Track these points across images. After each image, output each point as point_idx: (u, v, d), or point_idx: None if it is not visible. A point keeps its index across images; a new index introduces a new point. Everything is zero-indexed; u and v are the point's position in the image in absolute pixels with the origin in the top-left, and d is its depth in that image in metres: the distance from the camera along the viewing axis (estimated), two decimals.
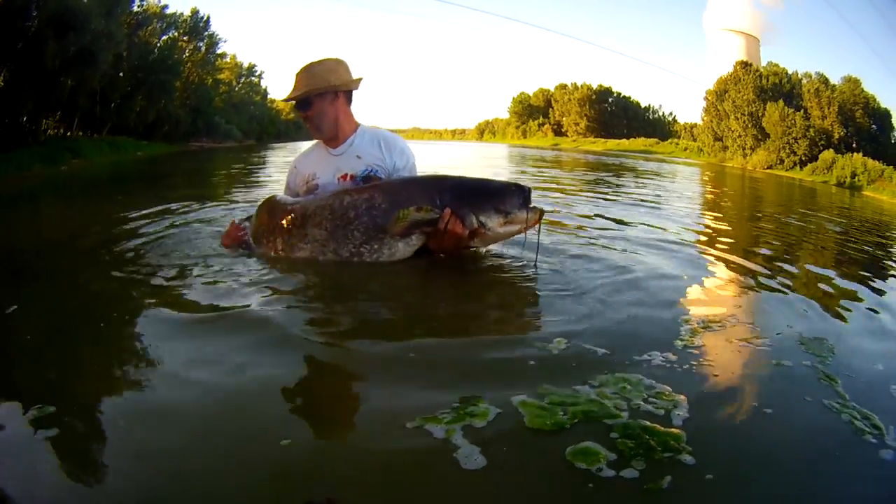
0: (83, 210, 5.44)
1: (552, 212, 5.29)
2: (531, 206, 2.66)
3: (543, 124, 62.75)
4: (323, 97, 2.91)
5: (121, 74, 19.99)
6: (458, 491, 1.28)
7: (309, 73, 2.90)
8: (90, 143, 17.22)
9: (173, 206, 4.94)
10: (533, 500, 1.26)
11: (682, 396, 1.60)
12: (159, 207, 4.81)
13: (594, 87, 59.08)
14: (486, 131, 76.58)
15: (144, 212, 4.54)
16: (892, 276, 4.07)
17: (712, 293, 2.87)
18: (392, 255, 2.67)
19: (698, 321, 2.28)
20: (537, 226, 2.71)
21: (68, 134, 17.16)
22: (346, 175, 2.91)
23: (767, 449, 1.43)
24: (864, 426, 1.52)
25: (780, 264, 3.74)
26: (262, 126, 43.33)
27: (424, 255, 2.78)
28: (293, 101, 2.96)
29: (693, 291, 2.83)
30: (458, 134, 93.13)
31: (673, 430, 1.44)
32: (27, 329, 2.12)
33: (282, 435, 1.43)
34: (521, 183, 2.76)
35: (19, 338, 2.05)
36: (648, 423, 1.46)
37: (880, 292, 3.28)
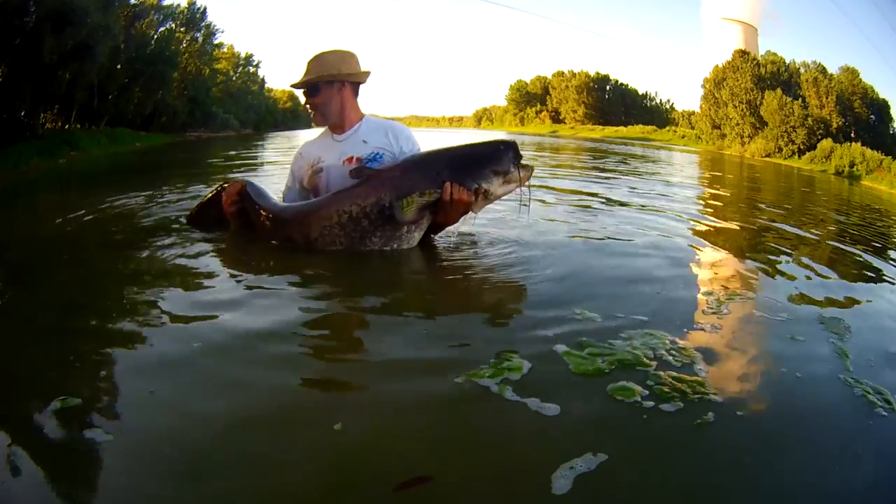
0: (81, 202, 5.28)
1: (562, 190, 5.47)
2: (522, 163, 2.77)
3: (541, 111, 62.45)
4: (331, 85, 3.02)
5: (118, 67, 19.82)
6: (532, 434, 1.41)
7: (319, 61, 3.01)
8: (88, 135, 17.02)
9: (171, 196, 4.97)
10: (599, 432, 1.42)
11: (698, 353, 1.80)
12: (157, 196, 4.86)
13: (592, 74, 58.75)
14: (483, 118, 76.24)
15: (142, 201, 4.59)
16: None
17: (729, 272, 3.02)
18: (410, 244, 2.82)
19: (716, 296, 2.43)
20: (528, 183, 2.83)
21: (66, 127, 16.98)
22: (352, 158, 2.98)
23: (780, 399, 1.64)
24: (876, 399, 1.61)
25: (795, 246, 3.89)
26: (259, 115, 42.99)
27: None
28: (301, 87, 3.05)
29: (709, 270, 3.03)
30: (455, 121, 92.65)
31: (697, 377, 1.65)
32: (32, 319, 2.06)
33: (331, 419, 1.40)
34: (507, 140, 2.85)
35: (22, 328, 1.98)
36: (675, 372, 1.66)
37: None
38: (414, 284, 2.64)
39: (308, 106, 3.09)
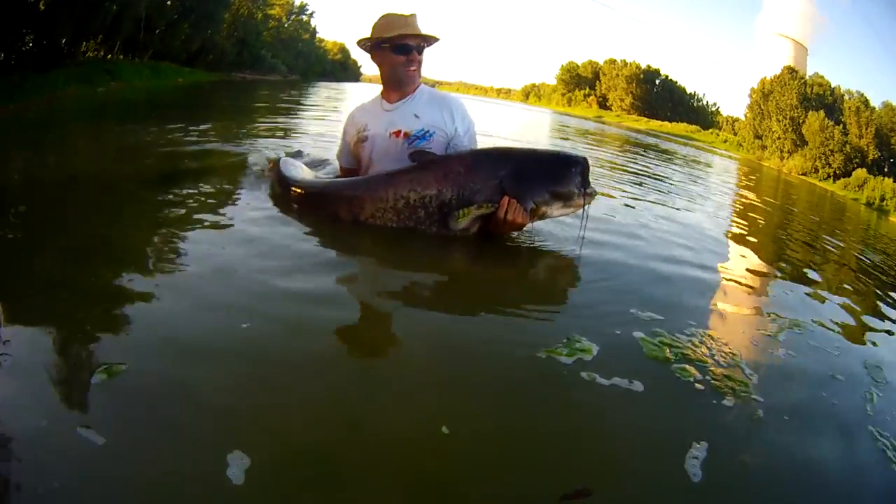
0: (116, 137, 5.14)
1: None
2: (588, 189, 2.62)
3: (589, 95, 61.68)
4: (427, 48, 2.99)
5: (168, 2, 19.88)
6: (637, 418, 1.53)
7: (416, 21, 2.87)
8: (131, 66, 16.72)
9: (208, 139, 4.84)
10: (673, 405, 1.62)
11: (742, 356, 1.97)
12: (193, 136, 4.81)
13: (642, 66, 57.55)
14: (531, 94, 75.29)
15: (182, 139, 4.56)
16: None
17: (786, 299, 3.01)
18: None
19: (775, 322, 2.48)
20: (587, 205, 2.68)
21: (109, 57, 16.71)
22: (401, 132, 2.85)
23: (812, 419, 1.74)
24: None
25: (853, 281, 4.00)
26: (308, 63, 43.35)
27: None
28: (422, 41, 2.91)
29: (770, 295, 3.06)
30: (503, 93, 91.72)
31: (744, 378, 1.81)
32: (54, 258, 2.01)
33: (435, 422, 1.34)
34: (579, 158, 2.67)
35: (46, 267, 1.92)
36: (726, 370, 1.83)
37: None
38: (469, 274, 2.54)
39: (404, 62, 2.88)
